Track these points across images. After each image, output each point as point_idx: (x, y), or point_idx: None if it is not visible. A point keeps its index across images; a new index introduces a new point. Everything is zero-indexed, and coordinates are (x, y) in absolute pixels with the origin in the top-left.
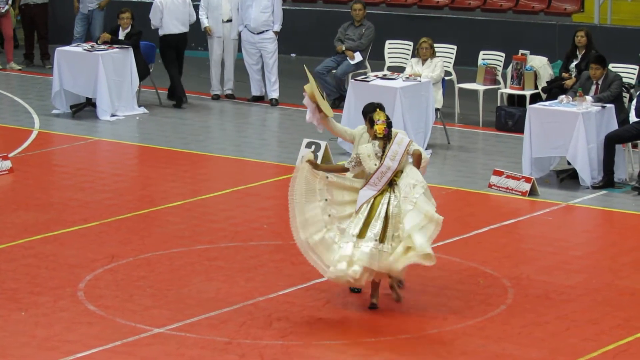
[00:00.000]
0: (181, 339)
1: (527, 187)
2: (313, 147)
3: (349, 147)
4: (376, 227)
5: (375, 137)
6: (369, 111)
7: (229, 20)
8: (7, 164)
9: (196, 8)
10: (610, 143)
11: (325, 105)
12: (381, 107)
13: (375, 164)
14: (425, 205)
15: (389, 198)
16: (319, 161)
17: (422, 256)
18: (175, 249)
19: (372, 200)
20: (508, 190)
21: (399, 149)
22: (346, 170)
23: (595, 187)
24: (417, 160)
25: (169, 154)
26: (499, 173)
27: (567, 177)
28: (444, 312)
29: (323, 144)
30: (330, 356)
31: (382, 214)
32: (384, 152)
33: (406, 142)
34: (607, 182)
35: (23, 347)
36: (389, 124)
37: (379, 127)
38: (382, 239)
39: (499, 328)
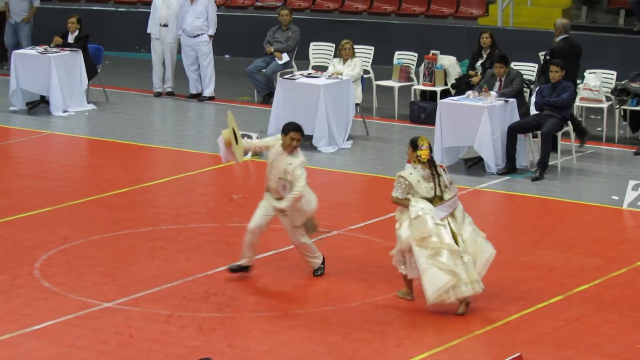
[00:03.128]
0: (128, 312)
1: None
2: (245, 138)
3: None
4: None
5: (418, 162)
6: (413, 139)
7: (166, 25)
8: None
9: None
10: (513, 133)
11: (238, 151)
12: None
13: (425, 187)
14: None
15: (448, 220)
16: (250, 152)
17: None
18: (121, 231)
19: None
20: None
21: (447, 178)
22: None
23: (500, 174)
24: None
25: (116, 146)
26: None
27: (474, 165)
28: (365, 286)
29: (254, 136)
30: (261, 326)
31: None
32: (432, 174)
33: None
34: (510, 168)
35: None
36: (430, 150)
37: (423, 153)
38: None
39: (414, 300)
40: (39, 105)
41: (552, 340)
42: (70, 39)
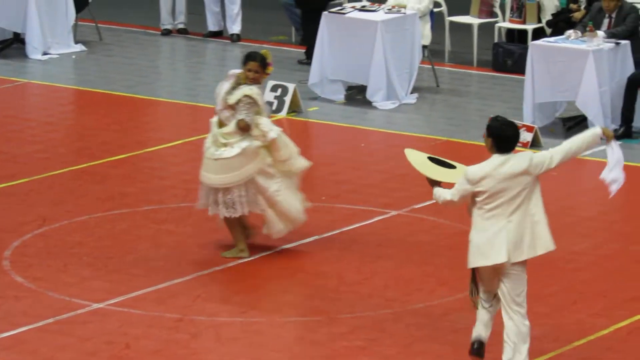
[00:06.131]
0: (124, 315)
1: (528, 137)
2: (279, 90)
3: (320, 91)
4: None
5: (251, 80)
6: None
7: None
8: None
9: None
10: (633, 86)
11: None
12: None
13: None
14: None
15: None
16: (286, 106)
17: None
18: (117, 210)
19: None
20: None
21: None
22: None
23: (616, 138)
24: None
25: (111, 99)
26: None
27: (575, 126)
28: (432, 283)
29: (291, 87)
30: (298, 335)
31: None
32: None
33: None
34: (626, 131)
35: None
36: None
37: (269, 69)
38: None
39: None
40: (11, 45)
41: None
42: None
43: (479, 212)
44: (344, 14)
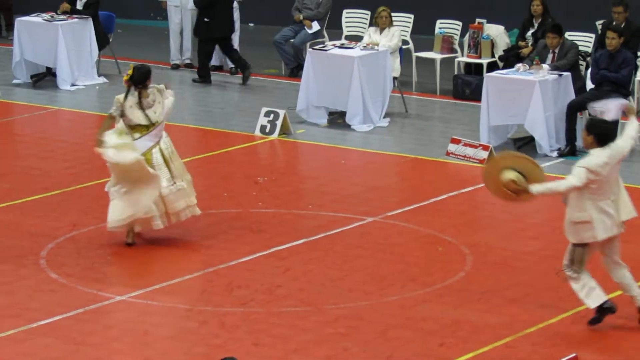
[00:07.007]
0: (142, 306)
1: (484, 154)
2: (272, 115)
3: (307, 116)
4: (165, 172)
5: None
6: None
7: None
8: None
9: None
10: (573, 111)
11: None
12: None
13: (140, 114)
14: None
15: (159, 143)
16: (278, 129)
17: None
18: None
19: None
20: (466, 158)
21: (163, 102)
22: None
23: (561, 155)
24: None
25: None
26: (456, 141)
27: (525, 145)
28: (403, 279)
29: (281, 112)
30: (291, 323)
31: (161, 160)
32: (145, 102)
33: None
34: (570, 150)
35: None
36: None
37: (124, 78)
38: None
39: (458, 295)
40: (44, 78)
41: (612, 340)
42: (79, 5)
43: (591, 197)
44: (326, 50)
